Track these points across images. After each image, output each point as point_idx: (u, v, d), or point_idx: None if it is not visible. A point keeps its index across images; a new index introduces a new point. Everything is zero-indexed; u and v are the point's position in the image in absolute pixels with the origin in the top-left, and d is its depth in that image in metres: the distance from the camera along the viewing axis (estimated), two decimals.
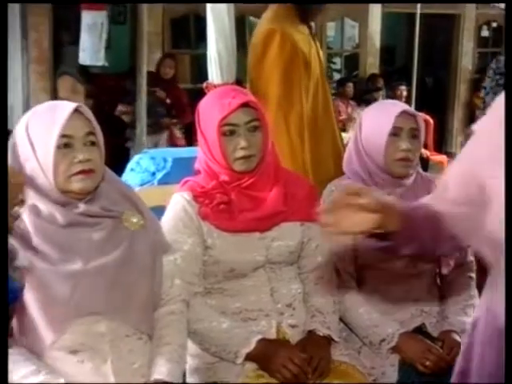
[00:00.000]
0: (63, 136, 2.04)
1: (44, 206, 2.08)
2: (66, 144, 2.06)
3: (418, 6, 8.45)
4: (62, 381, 2.01)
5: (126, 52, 8.93)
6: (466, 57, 10.72)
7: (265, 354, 2.34)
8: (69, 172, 2.06)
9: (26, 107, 7.80)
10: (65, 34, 8.69)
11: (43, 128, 2.06)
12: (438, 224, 1.79)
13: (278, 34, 3.12)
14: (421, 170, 2.82)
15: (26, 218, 2.07)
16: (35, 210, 2.08)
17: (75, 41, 7.40)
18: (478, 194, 1.66)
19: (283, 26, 3.13)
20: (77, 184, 2.07)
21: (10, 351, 2.02)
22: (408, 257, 2.52)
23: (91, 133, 2.11)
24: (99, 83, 7.73)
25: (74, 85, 7.55)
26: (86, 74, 6.83)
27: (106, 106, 7.65)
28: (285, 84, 3.07)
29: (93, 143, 2.11)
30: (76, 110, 2.08)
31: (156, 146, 7.30)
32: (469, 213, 1.70)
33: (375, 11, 9.91)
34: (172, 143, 7.56)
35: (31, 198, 2.07)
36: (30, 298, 2.02)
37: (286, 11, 3.16)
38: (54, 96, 7.84)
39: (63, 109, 2.07)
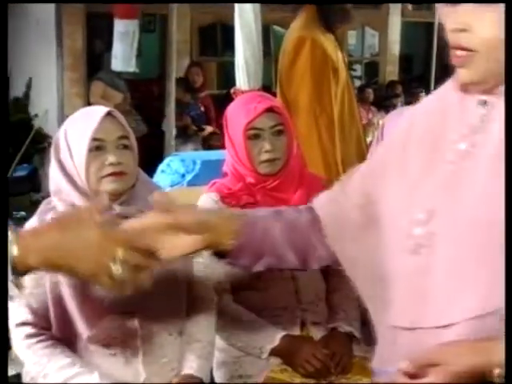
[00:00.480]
0: (95, 139, 2.05)
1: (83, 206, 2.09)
2: (97, 147, 2.06)
3: (436, 16, 8.41)
4: (96, 373, 2.03)
5: (156, 59, 8.99)
6: None
7: (289, 350, 2.34)
8: (100, 174, 2.07)
9: (61, 111, 7.86)
10: (98, 42, 8.75)
11: (78, 132, 2.08)
12: (296, 235, 1.58)
13: (308, 41, 3.13)
14: None
15: None
16: None
17: (108, 48, 7.45)
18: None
19: (313, 33, 3.14)
20: (108, 185, 2.08)
21: (48, 344, 2.05)
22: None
23: (124, 136, 2.11)
24: (130, 89, 7.79)
25: (105, 90, 7.61)
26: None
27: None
28: (315, 89, 3.08)
29: (125, 146, 2.11)
30: (109, 115, 2.09)
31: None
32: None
33: (395, 21, 9.88)
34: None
35: (71, 197, 2.10)
36: (67, 294, 2.03)
37: (314, 20, 3.16)
38: (88, 101, 7.92)
39: (96, 113, 2.09)
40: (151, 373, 2.09)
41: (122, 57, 6.67)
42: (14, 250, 1.45)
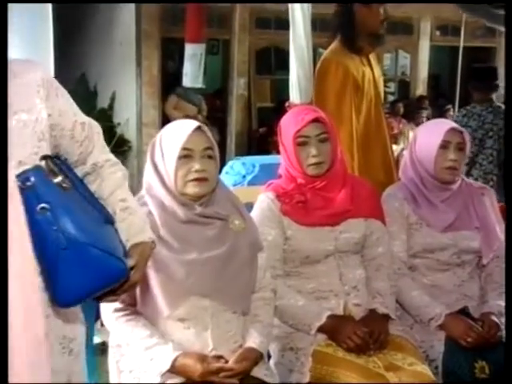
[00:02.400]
0: (184, 149, 2.08)
1: (169, 204, 2.12)
2: (186, 155, 2.09)
3: (461, 40, 8.30)
4: (170, 344, 2.04)
5: (219, 76, 9.02)
6: (501, 83, 10.46)
7: (333, 327, 2.33)
8: (186, 178, 2.10)
9: (139, 120, 7.94)
10: (170, 62, 8.81)
11: (171, 141, 2.11)
12: None
13: (333, 63, 3.12)
14: (465, 177, 2.77)
15: (154, 211, 2.11)
16: (162, 206, 2.13)
17: (178, 68, 7.49)
18: None
19: (338, 56, 3.13)
20: (192, 189, 2.10)
21: (132, 317, 2.07)
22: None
23: (209, 148, 2.13)
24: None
25: (178, 103, 7.67)
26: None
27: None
28: (336, 104, 3.06)
29: (209, 156, 2.13)
30: (198, 128, 2.11)
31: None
32: None
33: (424, 45, 9.78)
34: None
35: (160, 194, 2.12)
36: (152, 277, 2.05)
37: (342, 45, 3.15)
38: (161, 111, 7.98)
39: (188, 126, 2.11)
40: (218, 344, 2.09)
41: (191, 75, 6.72)
42: None
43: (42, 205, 1.48)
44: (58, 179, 1.54)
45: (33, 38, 3.00)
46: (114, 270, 1.56)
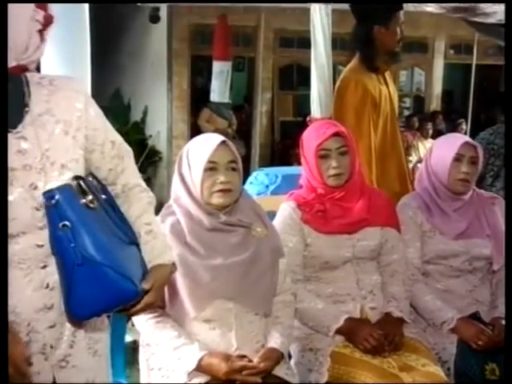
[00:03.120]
0: (210, 162, 2.08)
1: (195, 212, 2.13)
2: (211, 168, 2.09)
3: (474, 58, 8.24)
4: (196, 344, 2.05)
5: (244, 92, 9.04)
6: None
7: (351, 330, 2.32)
8: (211, 189, 2.10)
9: (170, 133, 7.99)
10: (199, 79, 8.85)
11: (197, 153, 2.12)
12: None
13: (352, 80, 3.10)
14: (476, 189, 2.74)
15: (181, 220, 2.12)
16: (189, 215, 2.13)
17: (206, 83, 7.54)
18: None
19: (357, 74, 3.11)
20: (216, 199, 2.11)
21: (161, 319, 2.08)
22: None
23: (233, 161, 2.13)
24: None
25: (211, 116, 7.70)
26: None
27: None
28: (355, 120, 3.05)
29: (233, 169, 2.13)
30: (223, 143, 2.11)
31: None
32: None
33: (438, 62, 9.71)
34: None
35: (187, 204, 2.13)
36: (179, 281, 2.06)
37: (360, 63, 3.14)
38: (190, 125, 8.02)
39: (213, 141, 2.11)
40: (241, 344, 2.09)
41: (218, 91, 6.77)
42: None
43: (64, 222, 1.49)
44: (87, 199, 1.54)
45: (71, 52, 3.03)
46: (126, 291, 1.56)
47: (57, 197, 1.50)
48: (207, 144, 2.11)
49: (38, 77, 1.59)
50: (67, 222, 1.49)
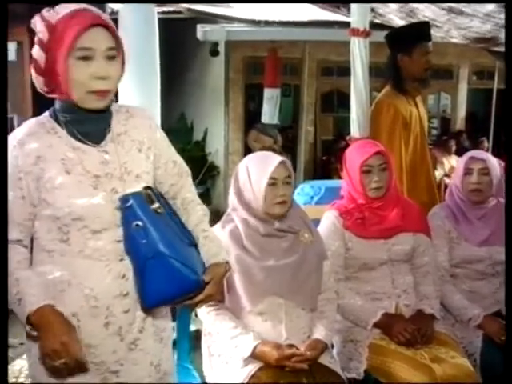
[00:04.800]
0: (272, 178, 2.08)
1: (252, 220, 2.13)
2: (273, 183, 2.09)
3: (495, 83, 8.06)
4: (251, 334, 2.05)
5: (290, 114, 9.01)
6: None
7: (387, 324, 2.29)
8: (272, 201, 2.10)
9: (226, 150, 8.03)
10: (251, 103, 8.88)
11: (259, 170, 2.11)
12: None
13: (385, 104, 3.07)
14: (501, 199, 2.66)
15: (239, 227, 2.13)
16: (246, 222, 2.14)
17: (258, 107, 7.55)
18: None
19: (389, 98, 3.09)
20: (277, 210, 2.11)
21: (221, 312, 2.09)
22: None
23: (289, 176, 2.13)
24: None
25: (258, 136, 7.70)
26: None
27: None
28: (387, 138, 3.02)
29: (289, 183, 2.13)
30: (281, 161, 2.11)
31: None
32: None
33: (462, 87, 9.53)
34: None
35: (245, 213, 2.13)
36: (237, 279, 2.07)
37: (392, 88, 3.11)
38: (244, 143, 8.05)
39: (273, 159, 2.11)
40: (290, 335, 2.08)
41: (269, 114, 6.78)
42: None
43: (137, 222, 1.52)
44: (155, 206, 1.58)
45: (144, 82, 3.09)
46: (191, 280, 1.57)
47: (131, 201, 1.54)
48: (268, 162, 2.10)
49: (117, 105, 1.67)
50: (139, 222, 1.52)
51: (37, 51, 1.49)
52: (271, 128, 7.17)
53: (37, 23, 1.49)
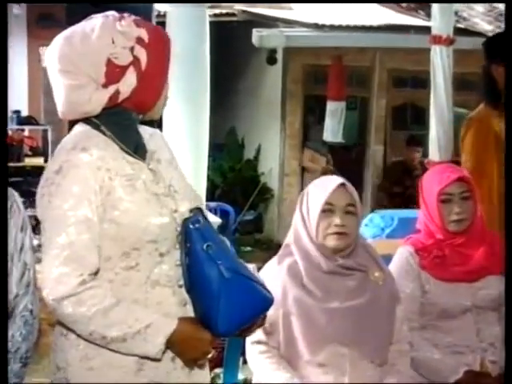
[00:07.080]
0: (327, 203, 2.08)
1: (314, 254, 2.13)
2: (328, 210, 2.09)
3: None
4: None
5: (355, 130, 8.97)
6: None
7: (471, 383, 2.22)
8: (326, 231, 2.10)
9: (282, 170, 8.05)
10: (310, 117, 8.89)
11: (315, 195, 2.13)
12: None
13: (475, 121, 3.01)
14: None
15: (299, 261, 2.13)
16: (307, 257, 2.14)
17: (319, 122, 7.55)
18: None
19: (480, 115, 3.03)
20: (331, 241, 2.11)
21: (274, 360, 2.08)
22: None
23: (351, 204, 2.12)
24: (334, 153, 7.80)
25: (313, 156, 7.70)
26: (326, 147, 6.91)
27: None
28: (476, 160, 2.95)
29: (351, 212, 2.12)
30: (342, 185, 2.10)
31: None
32: None
33: None
34: None
35: (306, 245, 2.13)
36: (295, 322, 2.06)
37: (487, 104, 3.03)
38: (301, 163, 8.05)
39: (332, 182, 2.12)
40: None
41: (332, 130, 6.77)
42: None
43: (208, 243, 1.57)
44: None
45: (192, 90, 3.13)
46: (268, 299, 1.62)
47: (201, 221, 1.59)
48: (326, 185, 2.12)
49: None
50: (211, 243, 1.57)
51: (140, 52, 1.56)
52: (321, 145, 7.15)
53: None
